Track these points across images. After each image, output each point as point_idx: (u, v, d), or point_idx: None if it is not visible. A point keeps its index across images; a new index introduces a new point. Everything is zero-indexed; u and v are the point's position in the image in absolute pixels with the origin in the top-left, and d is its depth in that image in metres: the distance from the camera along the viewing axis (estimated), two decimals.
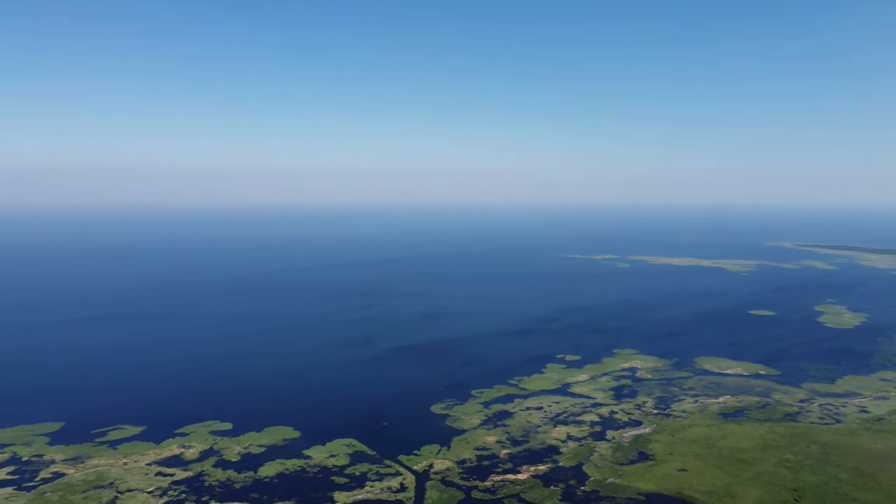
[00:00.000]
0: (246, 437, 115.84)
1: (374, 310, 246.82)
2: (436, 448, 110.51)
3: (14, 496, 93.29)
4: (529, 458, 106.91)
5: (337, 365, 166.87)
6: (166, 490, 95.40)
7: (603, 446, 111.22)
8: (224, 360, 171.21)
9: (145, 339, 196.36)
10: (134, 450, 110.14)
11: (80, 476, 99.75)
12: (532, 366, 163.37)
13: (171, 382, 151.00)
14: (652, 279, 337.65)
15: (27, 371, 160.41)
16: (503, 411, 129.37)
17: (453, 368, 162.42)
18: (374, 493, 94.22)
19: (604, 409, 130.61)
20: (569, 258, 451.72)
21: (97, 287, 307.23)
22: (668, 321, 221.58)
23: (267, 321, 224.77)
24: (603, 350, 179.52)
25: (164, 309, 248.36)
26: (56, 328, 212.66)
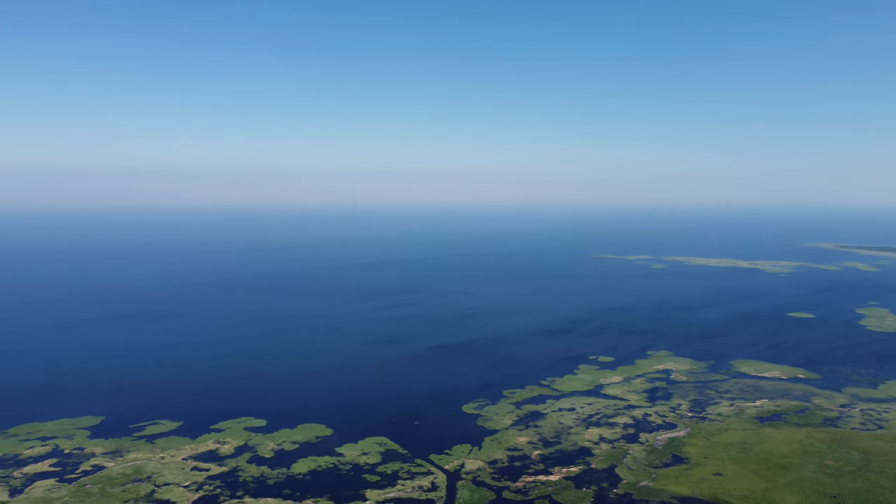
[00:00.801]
0: (280, 433, 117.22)
1: (407, 308, 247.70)
2: (467, 448, 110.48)
3: (56, 487, 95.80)
4: (561, 459, 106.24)
5: (370, 363, 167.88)
6: (202, 484, 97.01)
7: (636, 449, 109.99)
8: (258, 358, 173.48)
9: (181, 336, 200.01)
10: (171, 444, 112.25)
11: (118, 469, 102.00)
12: (564, 366, 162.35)
13: (207, 379, 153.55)
14: (688, 280, 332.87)
15: (69, 366, 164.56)
16: (535, 412, 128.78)
17: (485, 368, 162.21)
18: (405, 492, 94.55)
19: (637, 411, 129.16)
20: (602, 258, 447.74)
21: (129, 286, 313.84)
22: (704, 323, 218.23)
23: (301, 319, 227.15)
24: (637, 351, 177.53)
25: (198, 307, 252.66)
26: (94, 325, 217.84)
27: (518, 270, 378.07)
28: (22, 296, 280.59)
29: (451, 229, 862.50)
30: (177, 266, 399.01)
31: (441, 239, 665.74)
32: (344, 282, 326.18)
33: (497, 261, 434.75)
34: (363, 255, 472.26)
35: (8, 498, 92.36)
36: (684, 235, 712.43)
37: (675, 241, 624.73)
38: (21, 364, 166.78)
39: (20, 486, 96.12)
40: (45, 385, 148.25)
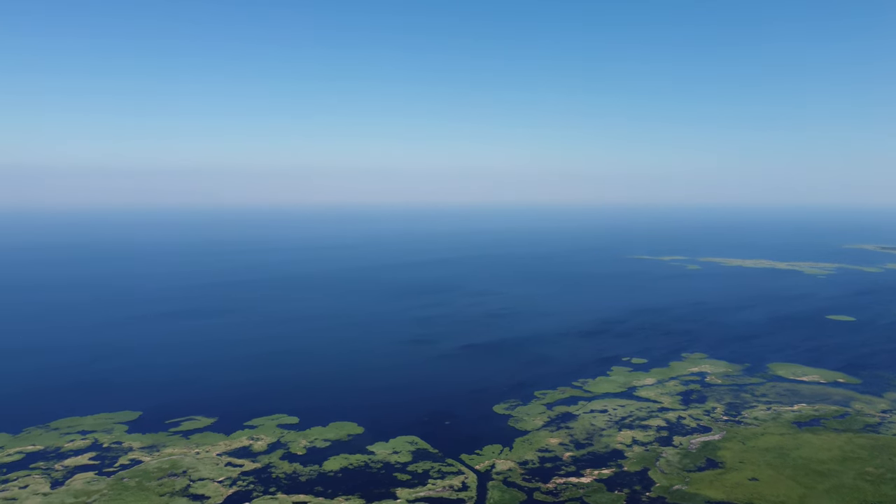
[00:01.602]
0: (312, 431, 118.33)
1: (439, 308, 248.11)
2: (498, 448, 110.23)
3: (95, 480, 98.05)
4: (593, 461, 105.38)
5: (401, 363, 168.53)
6: (235, 480, 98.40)
7: (669, 452, 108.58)
8: (292, 356, 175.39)
9: (216, 334, 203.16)
10: (206, 440, 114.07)
11: (155, 463, 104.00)
12: (597, 368, 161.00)
13: (241, 376, 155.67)
14: (724, 281, 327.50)
15: (108, 363, 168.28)
16: (567, 413, 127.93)
17: (517, 368, 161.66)
18: (435, 491, 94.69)
19: (671, 414, 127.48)
20: (636, 259, 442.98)
21: (165, 284, 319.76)
22: (741, 325, 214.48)
23: (333, 318, 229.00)
24: (671, 353, 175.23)
25: (234, 305, 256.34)
26: (133, 322, 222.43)
27: (551, 270, 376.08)
28: (63, 293, 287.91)
29: (478, 229, 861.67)
30: (210, 265, 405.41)
31: (470, 239, 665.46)
32: (375, 282, 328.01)
33: (528, 261, 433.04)
34: (394, 256, 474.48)
35: (49, 490, 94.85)
36: (718, 236, 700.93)
37: (710, 241, 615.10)
38: (64, 359, 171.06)
39: (61, 479, 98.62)
40: (85, 380, 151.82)
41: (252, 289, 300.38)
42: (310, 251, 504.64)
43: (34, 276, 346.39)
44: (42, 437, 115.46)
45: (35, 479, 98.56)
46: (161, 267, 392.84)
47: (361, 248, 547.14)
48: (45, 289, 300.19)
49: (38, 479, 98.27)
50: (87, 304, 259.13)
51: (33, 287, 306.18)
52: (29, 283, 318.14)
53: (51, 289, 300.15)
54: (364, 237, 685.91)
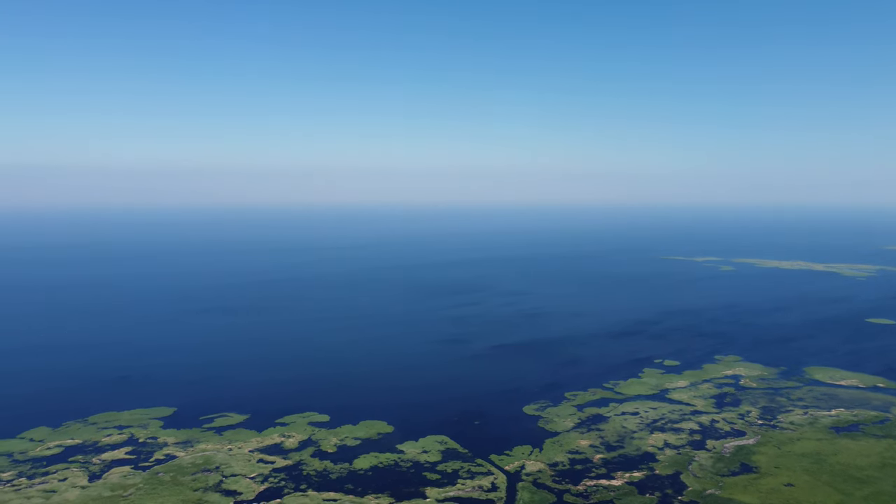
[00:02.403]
0: (342, 429, 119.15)
1: (470, 308, 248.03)
2: (528, 449, 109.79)
3: (131, 474, 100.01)
4: (624, 464, 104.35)
5: (432, 362, 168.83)
6: (267, 476, 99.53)
7: (702, 456, 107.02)
8: (323, 354, 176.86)
9: (247, 333, 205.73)
10: (238, 437, 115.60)
11: (189, 459, 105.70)
12: (629, 369, 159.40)
13: (273, 374, 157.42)
14: (759, 283, 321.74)
15: (145, 359, 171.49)
16: (597, 415, 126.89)
17: (548, 369, 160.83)
18: (465, 491, 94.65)
19: (704, 417, 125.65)
20: (669, 259, 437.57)
21: (198, 282, 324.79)
22: (776, 327, 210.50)
23: (363, 318, 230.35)
24: (704, 356, 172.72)
25: (262, 304, 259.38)
26: (169, 319, 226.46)
27: (582, 271, 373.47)
28: (93, 292, 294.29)
29: (505, 229, 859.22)
30: (236, 265, 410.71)
31: (493, 239, 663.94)
32: (407, 281, 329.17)
33: (558, 261, 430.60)
34: (422, 255, 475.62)
35: (87, 483, 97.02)
36: (751, 237, 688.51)
37: (743, 242, 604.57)
38: (101, 356, 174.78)
39: (98, 472, 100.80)
40: (122, 376, 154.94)
41: (280, 288, 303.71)
42: (331, 251, 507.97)
43: (61, 276, 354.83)
44: (80, 431, 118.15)
45: (74, 472, 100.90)
46: (185, 267, 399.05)
47: (385, 247, 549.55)
48: (73, 288, 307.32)
49: (77, 473, 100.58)
50: (118, 302, 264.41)
51: (63, 286, 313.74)
52: (57, 283, 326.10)
53: (79, 288, 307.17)
54: (384, 237, 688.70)
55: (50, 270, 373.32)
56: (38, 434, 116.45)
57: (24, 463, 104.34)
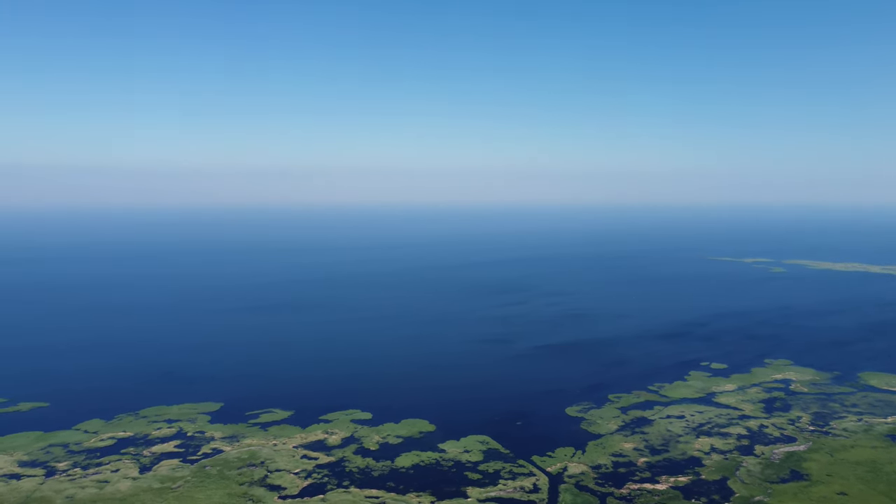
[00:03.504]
0: (384, 427, 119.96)
1: (514, 308, 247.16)
2: (570, 451, 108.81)
3: (180, 467, 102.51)
4: (669, 468, 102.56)
5: (474, 362, 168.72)
6: (311, 472, 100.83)
7: (751, 461, 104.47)
8: (366, 353, 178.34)
9: (296, 330, 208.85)
10: (283, 432, 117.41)
11: (235, 453, 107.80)
12: (674, 372, 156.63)
13: (317, 371, 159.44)
14: (811, 285, 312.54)
15: (192, 355, 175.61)
16: (642, 418, 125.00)
17: (591, 370, 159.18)
18: (506, 492, 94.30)
19: (752, 422, 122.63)
20: (716, 261, 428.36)
21: (247, 281, 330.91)
22: (829, 331, 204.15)
23: (407, 316, 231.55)
24: (753, 359, 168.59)
25: (315, 301, 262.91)
26: (217, 316, 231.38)
27: (628, 271, 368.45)
28: (154, 288, 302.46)
29: (560, 228, 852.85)
30: (275, 264, 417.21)
31: (533, 239, 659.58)
32: (451, 281, 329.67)
33: (603, 261, 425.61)
34: (459, 255, 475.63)
35: (138, 474, 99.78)
36: (801, 237, 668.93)
37: (794, 243, 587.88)
38: (150, 351, 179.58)
39: (149, 464, 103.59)
40: (171, 372, 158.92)
41: (332, 286, 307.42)
42: (364, 251, 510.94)
43: (92, 275, 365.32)
44: (132, 424, 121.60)
45: (125, 463, 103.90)
46: (217, 266, 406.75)
47: (418, 247, 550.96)
48: (106, 287, 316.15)
49: (128, 464, 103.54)
50: (157, 301, 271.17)
51: (95, 285, 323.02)
52: (90, 282, 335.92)
53: (112, 287, 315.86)
54: (415, 237, 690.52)
55: (77, 269, 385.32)
56: (92, 426, 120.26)
57: (78, 454, 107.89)
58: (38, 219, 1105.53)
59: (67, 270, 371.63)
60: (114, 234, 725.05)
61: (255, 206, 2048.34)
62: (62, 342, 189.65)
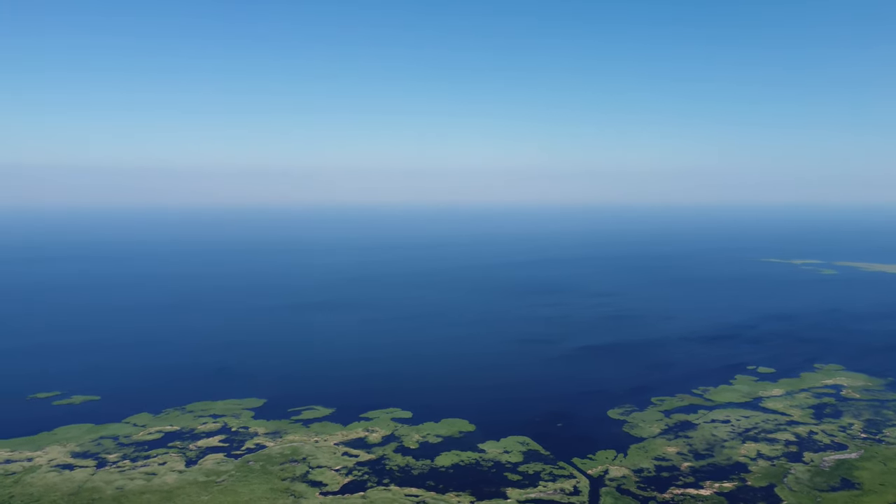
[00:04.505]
0: (424, 426, 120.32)
1: (557, 308, 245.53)
2: (612, 454, 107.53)
3: (224, 462, 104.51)
4: (713, 473, 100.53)
5: (515, 362, 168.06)
6: (351, 470, 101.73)
7: (799, 469, 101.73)
8: (406, 352, 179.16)
9: (339, 328, 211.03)
10: (324, 429, 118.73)
11: (277, 449, 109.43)
12: (719, 375, 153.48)
13: (358, 369, 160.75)
14: (864, 288, 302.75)
15: (240, 350, 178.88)
16: (685, 422, 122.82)
17: (634, 373, 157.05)
18: (546, 494, 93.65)
19: (801, 428, 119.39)
20: (764, 262, 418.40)
21: (277, 280, 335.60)
22: (883, 335, 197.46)
23: (448, 315, 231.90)
24: (802, 363, 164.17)
25: (357, 299, 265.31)
26: (258, 315, 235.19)
27: (672, 272, 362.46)
28: (193, 286, 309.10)
29: (601, 229, 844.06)
30: (314, 263, 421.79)
31: (569, 240, 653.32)
32: (492, 280, 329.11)
33: (647, 261, 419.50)
34: (496, 255, 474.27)
35: (184, 468, 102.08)
36: (851, 239, 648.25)
37: (845, 245, 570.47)
38: (198, 347, 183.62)
39: (194, 458, 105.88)
40: (216, 368, 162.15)
41: (377, 285, 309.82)
42: (399, 251, 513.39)
43: (139, 273, 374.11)
44: (179, 418, 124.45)
45: (172, 456, 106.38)
46: (258, 266, 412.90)
47: (453, 247, 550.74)
48: (139, 285, 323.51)
49: (175, 458, 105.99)
50: (200, 298, 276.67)
51: (133, 283, 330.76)
52: (129, 280, 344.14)
53: (160, 285, 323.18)
54: (447, 237, 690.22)
55: (111, 268, 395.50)
56: (141, 420, 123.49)
57: (128, 446, 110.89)
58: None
59: (105, 269, 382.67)
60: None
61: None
62: (111, 338, 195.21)
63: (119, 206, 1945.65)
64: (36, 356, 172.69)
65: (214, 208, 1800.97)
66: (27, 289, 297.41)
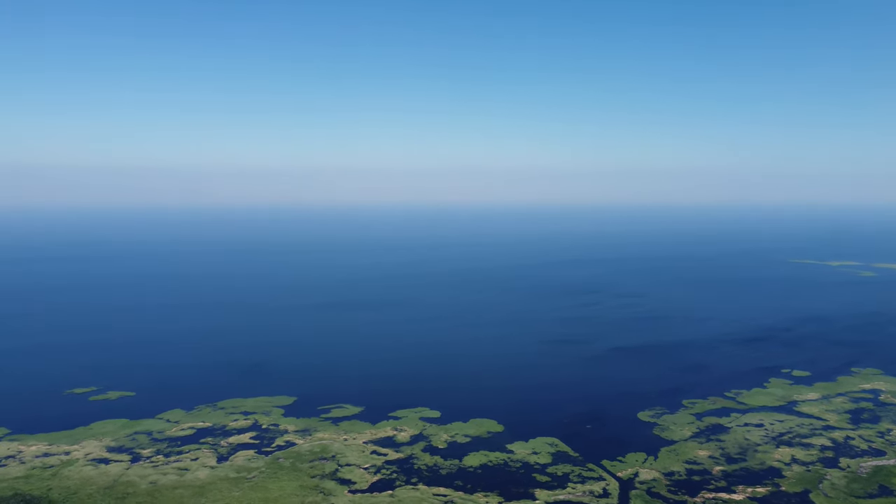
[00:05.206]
0: (453, 426, 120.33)
1: (587, 309, 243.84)
2: (642, 456, 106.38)
3: (255, 458, 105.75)
4: (746, 478, 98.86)
5: (545, 363, 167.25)
6: (380, 468, 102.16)
7: (835, 474, 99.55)
8: (435, 351, 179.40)
9: (369, 326, 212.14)
10: (353, 428, 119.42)
11: (307, 447, 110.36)
12: (753, 378, 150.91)
13: (387, 368, 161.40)
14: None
15: (269, 349, 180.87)
16: (717, 425, 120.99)
17: (665, 375, 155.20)
18: (575, 496, 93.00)
19: (837, 433, 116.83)
20: (799, 263, 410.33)
21: (304, 281, 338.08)
22: None
23: (481, 314, 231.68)
24: (839, 367, 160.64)
25: (386, 299, 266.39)
26: (288, 314, 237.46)
27: (704, 273, 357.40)
28: (240, 283, 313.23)
29: (632, 230, 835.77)
30: (338, 262, 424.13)
31: (612, 241, 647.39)
32: (522, 280, 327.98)
33: (678, 262, 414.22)
34: (537, 255, 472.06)
35: (216, 464, 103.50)
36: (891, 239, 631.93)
37: (884, 246, 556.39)
38: (230, 344, 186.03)
39: (226, 454, 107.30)
40: (248, 365, 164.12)
41: (408, 285, 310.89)
42: (426, 251, 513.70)
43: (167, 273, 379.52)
44: (210, 415, 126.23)
45: (204, 452, 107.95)
46: (281, 266, 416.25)
47: (483, 247, 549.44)
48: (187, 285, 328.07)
49: (207, 453, 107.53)
50: (232, 297, 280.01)
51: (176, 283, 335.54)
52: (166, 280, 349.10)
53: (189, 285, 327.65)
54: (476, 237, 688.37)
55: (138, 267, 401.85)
56: (174, 416, 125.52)
57: (161, 441, 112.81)
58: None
59: (132, 269, 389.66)
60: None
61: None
62: (145, 336, 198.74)
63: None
64: (72, 352, 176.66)
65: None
66: (60, 288, 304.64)
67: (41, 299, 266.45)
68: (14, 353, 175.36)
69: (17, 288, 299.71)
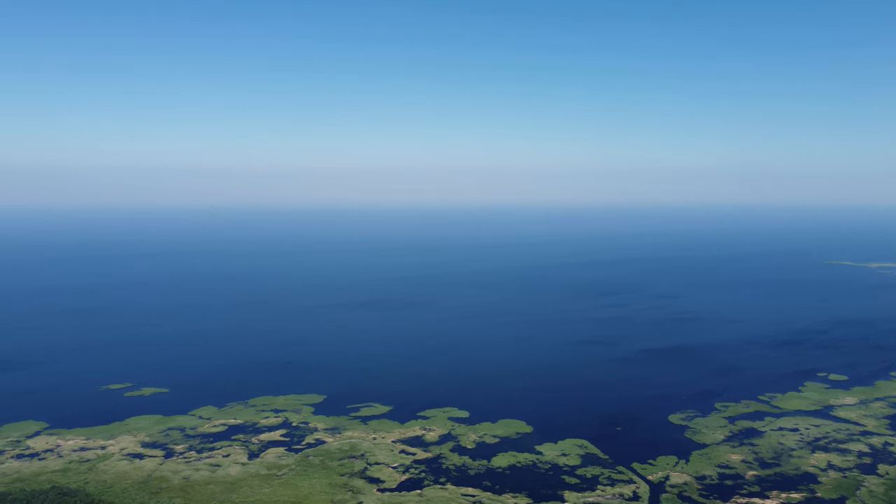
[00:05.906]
0: (481, 426, 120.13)
1: (619, 310, 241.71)
2: (673, 460, 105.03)
3: (285, 456, 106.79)
4: (780, 483, 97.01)
5: (575, 363, 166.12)
6: (408, 467, 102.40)
7: (873, 481, 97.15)
8: (465, 351, 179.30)
9: (397, 326, 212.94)
10: (382, 427, 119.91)
11: (336, 445, 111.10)
12: (788, 382, 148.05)
13: (417, 367, 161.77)
14: None
15: (299, 347, 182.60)
16: (751, 429, 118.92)
17: (697, 377, 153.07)
18: (604, 498, 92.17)
19: (875, 438, 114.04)
20: (836, 265, 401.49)
21: (332, 281, 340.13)
22: None
23: (511, 314, 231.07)
24: (878, 371, 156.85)
25: (414, 298, 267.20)
26: (318, 313, 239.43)
27: (738, 275, 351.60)
28: (267, 282, 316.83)
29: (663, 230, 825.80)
30: (390, 260, 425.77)
31: (657, 239, 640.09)
32: (554, 280, 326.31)
33: (711, 264, 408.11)
34: (569, 255, 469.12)
35: (247, 460, 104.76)
36: None
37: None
38: (261, 342, 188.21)
39: (257, 451, 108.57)
40: (279, 364, 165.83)
41: (436, 284, 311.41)
42: (455, 252, 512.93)
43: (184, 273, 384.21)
44: (242, 412, 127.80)
45: (235, 449, 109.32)
46: (307, 266, 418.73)
47: (512, 247, 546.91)
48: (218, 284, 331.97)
49: (238, 450, 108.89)
50: (264, 296, 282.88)
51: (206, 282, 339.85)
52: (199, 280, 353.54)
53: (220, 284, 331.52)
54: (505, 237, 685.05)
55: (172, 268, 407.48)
56: (206, 412, 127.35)
57: (193, 438, 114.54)
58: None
59: (165, 269, 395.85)
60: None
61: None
62: (178, 334, 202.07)
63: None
64: (107, 350, 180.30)
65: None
66: (91, 286, 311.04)
67: (74, 299, 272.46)
68: (54, 351, 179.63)
69: (51, 288, 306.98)
